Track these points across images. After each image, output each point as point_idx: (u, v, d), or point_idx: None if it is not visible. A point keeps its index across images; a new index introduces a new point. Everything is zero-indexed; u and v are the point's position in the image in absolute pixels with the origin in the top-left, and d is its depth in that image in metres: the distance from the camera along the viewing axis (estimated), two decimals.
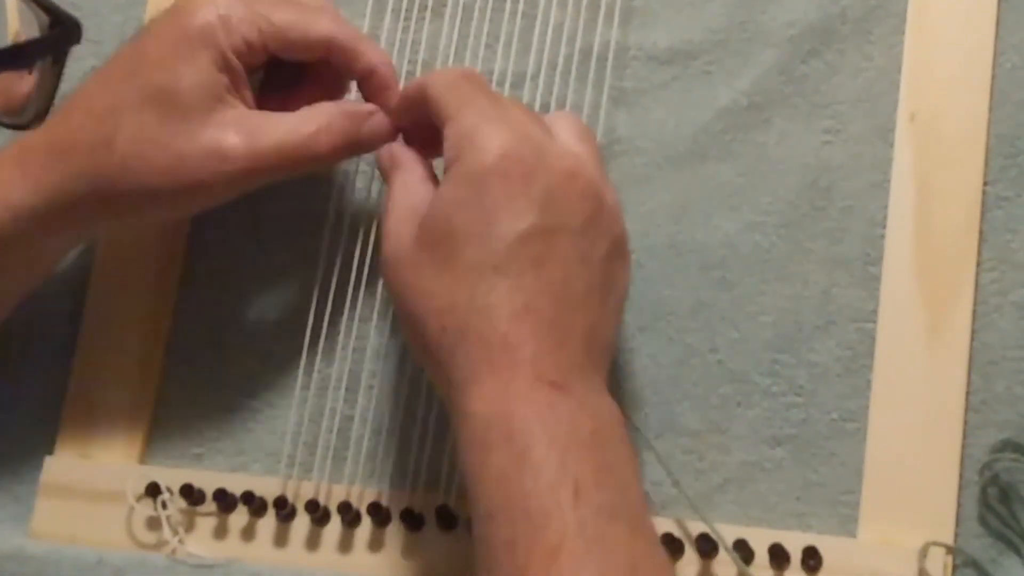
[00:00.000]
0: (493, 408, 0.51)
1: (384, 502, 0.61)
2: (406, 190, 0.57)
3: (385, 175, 0.59)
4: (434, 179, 0.58)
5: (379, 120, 0.60)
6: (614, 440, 0.52)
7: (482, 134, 0.54)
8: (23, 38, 0.54)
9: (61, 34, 0.51)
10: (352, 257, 0.64)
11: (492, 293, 0.52)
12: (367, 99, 0.61)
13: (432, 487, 0.61)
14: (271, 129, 0.59)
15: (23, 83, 0.56)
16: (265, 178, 0.60)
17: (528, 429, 0.50)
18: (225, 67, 0.59)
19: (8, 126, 0.54)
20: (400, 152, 0.59)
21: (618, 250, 0.56)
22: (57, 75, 0.52)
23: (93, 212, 0.59)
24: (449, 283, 0.53)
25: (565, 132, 0.56)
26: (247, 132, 0.58)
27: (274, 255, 0.66)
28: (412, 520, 0.60)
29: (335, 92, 0.63)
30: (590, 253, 0.54)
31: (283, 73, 0.62)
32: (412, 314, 0.54)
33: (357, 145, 0.60)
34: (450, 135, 0.55)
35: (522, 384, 0.51)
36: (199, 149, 0.58)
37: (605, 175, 0.56)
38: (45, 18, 0.51)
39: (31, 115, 0.52)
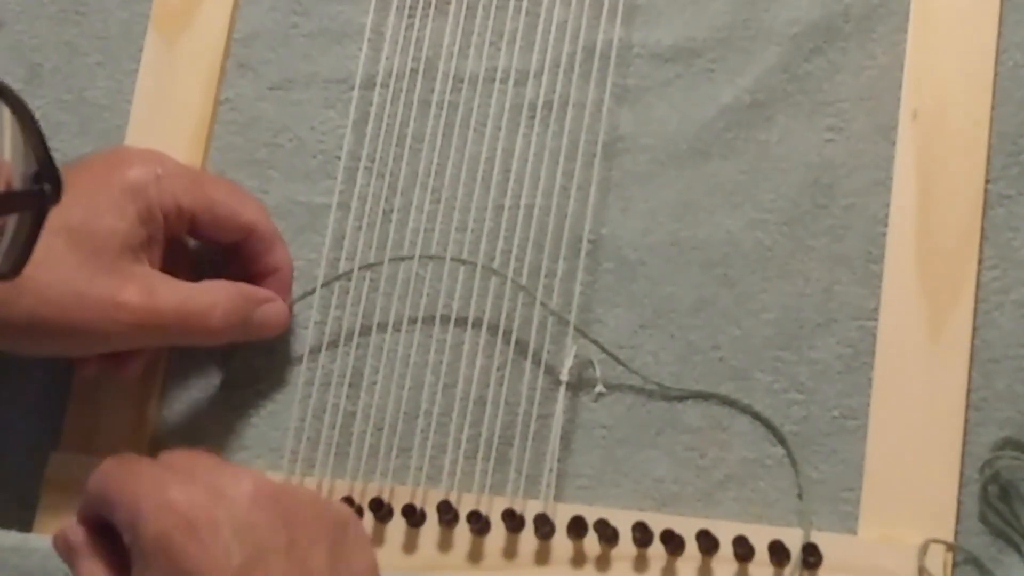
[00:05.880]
0: None
1: (386, 498, 0.61)
2: None
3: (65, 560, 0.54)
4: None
5: (274, 308, 0.62)
6: None
7: (149, 500, 0.50)
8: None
9: (39, 194, 0.44)
10: (356, 252, 0.64)
11: None
12: None
13: (434, 483, 0.61)
14: (171, 292, 0.60)
15: None
16: (157, 339, 0.61)
17: None
18: (148, 221, 0.60)
19: None
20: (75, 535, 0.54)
21: (339, 535, 0.52)
22: (36, 230, 0.45)
23: None
24: None
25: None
26: (147, 289, 0.59)
27: None
28: (414, 516, 0.60)
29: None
30: (308, 564, 0.50)
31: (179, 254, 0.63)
32: None
33: (248, 326, 0.62)
34: (120, 519, 0.51)
35: None
36: (98, 292, 0.58)
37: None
38: (33, 164, 0.45)
39: (8, 267, 0.46)
